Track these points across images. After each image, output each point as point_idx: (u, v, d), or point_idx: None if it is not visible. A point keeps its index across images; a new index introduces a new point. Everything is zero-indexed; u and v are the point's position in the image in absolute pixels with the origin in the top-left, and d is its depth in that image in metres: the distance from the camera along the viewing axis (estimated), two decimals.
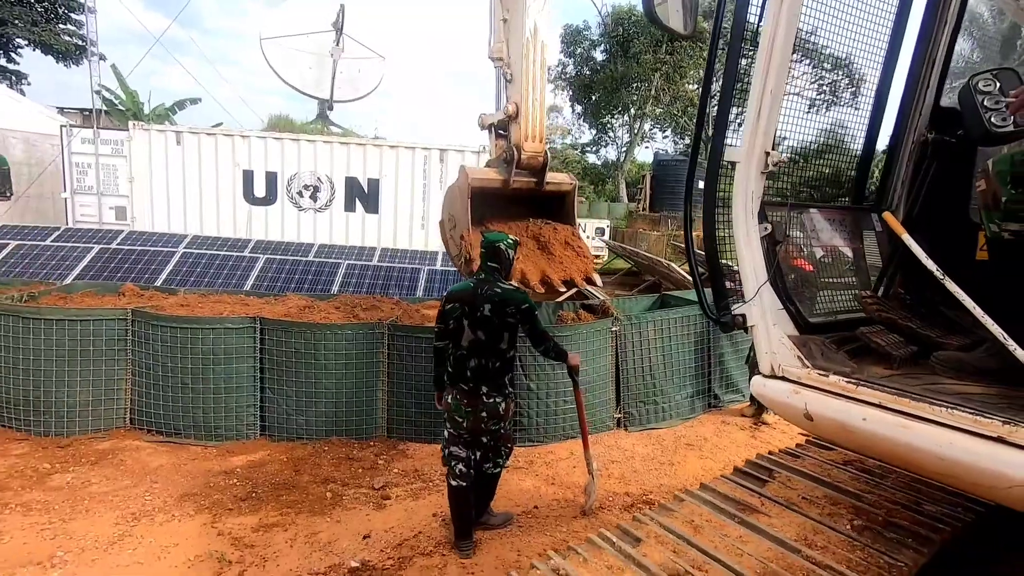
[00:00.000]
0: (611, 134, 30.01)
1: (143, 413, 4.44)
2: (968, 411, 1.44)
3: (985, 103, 1.87)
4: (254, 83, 79.65)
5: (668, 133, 29.72)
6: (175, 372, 4.36)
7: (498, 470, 3.29)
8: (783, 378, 1.83)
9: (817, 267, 2.07)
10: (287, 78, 11.93)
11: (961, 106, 1.94)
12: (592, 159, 31.50)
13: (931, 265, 1.80)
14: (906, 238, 1.94)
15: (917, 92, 2.07)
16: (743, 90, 1.83)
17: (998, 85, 1.87)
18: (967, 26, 2.20)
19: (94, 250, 7.11)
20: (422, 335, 4.51)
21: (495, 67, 4.37)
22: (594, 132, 30.03)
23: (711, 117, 1.91)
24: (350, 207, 10.79)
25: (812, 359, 1.84)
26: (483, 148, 10.28)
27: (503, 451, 3.26)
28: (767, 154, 1.80)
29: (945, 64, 2.08)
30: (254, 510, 3.58)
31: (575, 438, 4.68)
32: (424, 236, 10.97)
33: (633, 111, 26.63)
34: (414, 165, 10.71)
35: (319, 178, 10.61)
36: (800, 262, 2.02)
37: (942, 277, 1.77)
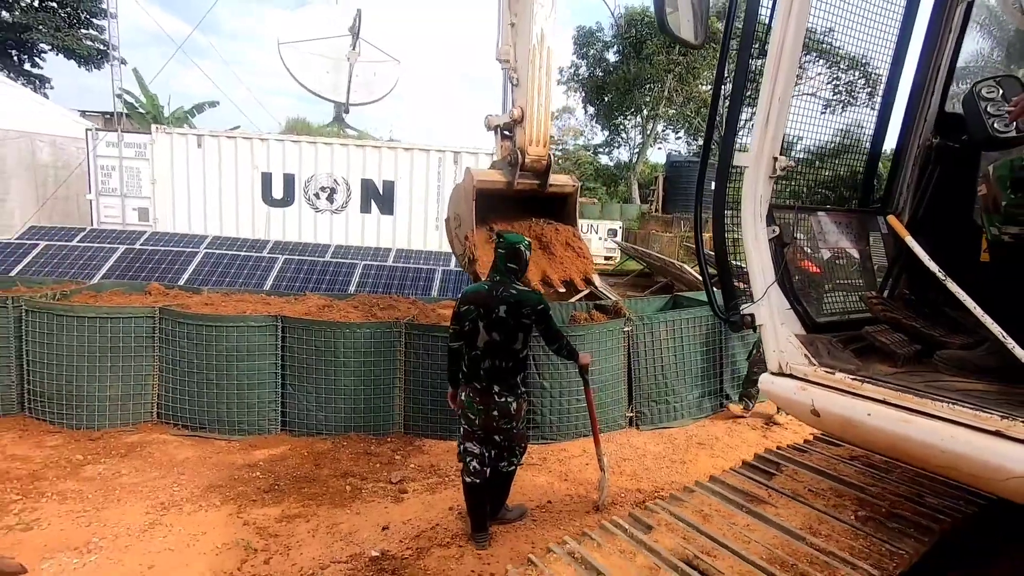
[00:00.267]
0: (624, 135, 29.96)
1: (169, 408, 4.60)
2: (969, 407, 1.50)
3: (988, 109, 1.94)
4: (268, 85, 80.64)
5: (681, 134, 29.62)
6: (200, 368, 4.51)
7: (512, 468, 3.34)
8: (791, 375, 1.90)
9: (823, 268, 2.13)
10: (305, 82, 12.16)
11: (965, 112, 2.01)
12: (604, 160, 31.46)
13: (933, 267, 1.87)
14: (910, 241, 2.00)
15: (922, 98, 2.13)
16: (752, 97, 1.91)
17: (1001, 92, 1.93)
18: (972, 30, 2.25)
19: (119, 250, 7.33)
20: (438, 334, 4.62)
21: (502, 68, 4.44)
22: (607, 133, 30.00)
23: (722, 122, 1.98)
24: (366, 209, 10.97)
25: (819, 357, 1.90)
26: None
27: (517, 450, 3.32)
28: (775, 159, 1.88)
29: (950, 71, 2.14)
30: (277, 502, 3.71)
31: (587, 436, 4.76)
32: (438, 237, 11.09)
33: (646, 112, 26.59)
34: (428, 167, 10.86)
35: (336, 180, 10.80)
36: (806, 263, 2.08)
37: (944, 278, 1.84)
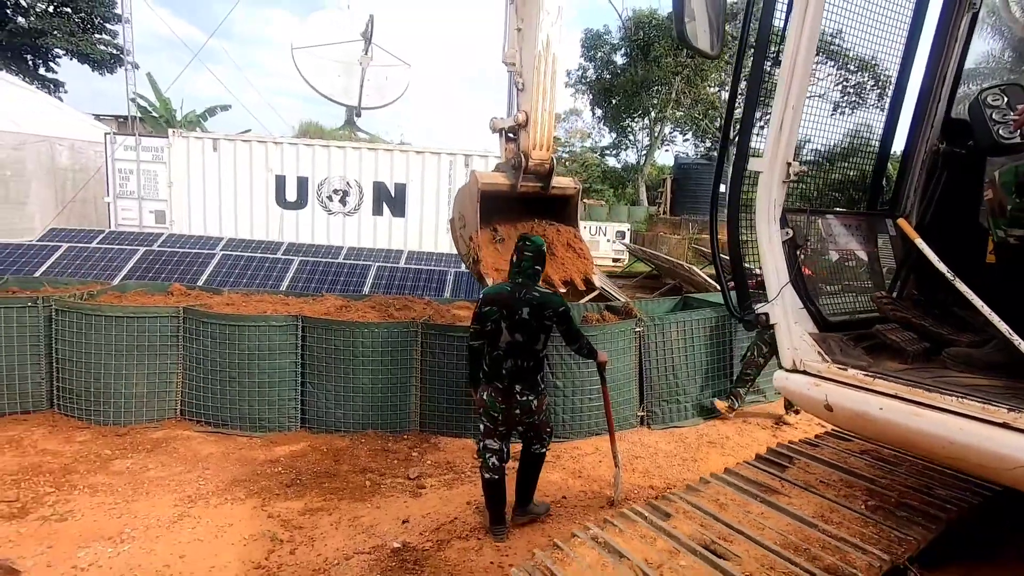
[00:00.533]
0: (631, 137, 30.03)
1: (193, 405, 4.72)
2: (977, 400, 1.58)
3: (993, 116, 2.02)
4: (276, 87, 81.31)
5: (688, 136, 29.68)
6: (222, 367, 4.63)
7: (543, 451, 3.41)
8: (804, 372, 1.98)
9: (833, 269, 2.21)
10: (317, 86, 12.34)
11: (971, 118, 2.09)
12: (612, 162, 31.54)
13: (943, 268, 1.94)
14: (919, 243, 2.08)
15: (929, 104, 2.21)
16: (766, 105, 2.00)
17: (1005, 99, 2.02)
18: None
19: (139, 252, 7.49)
20: (453, 334, 4.72)
21: (508, 71, 4.51)
22: (614, 135, 30.09)
23: (735, 128, 2.07)
24: (378, 211, 11.11)
25: (831, 354, 1.98)
26: None
27: (544, 435, 3.40)
28: (788, 165, 1.96)
29: (956, 78, 2.22)
30: (299, 496, 3.82)
31: (600, 434, 4.85)
32: (449, 239, 11.18)
33: (653, 114, 26.65)
34: (439, 170, 10.99)
35: (348, 183, 10.96)
36: (816, 263, 2.17)
37: (953, 279, 1.91)
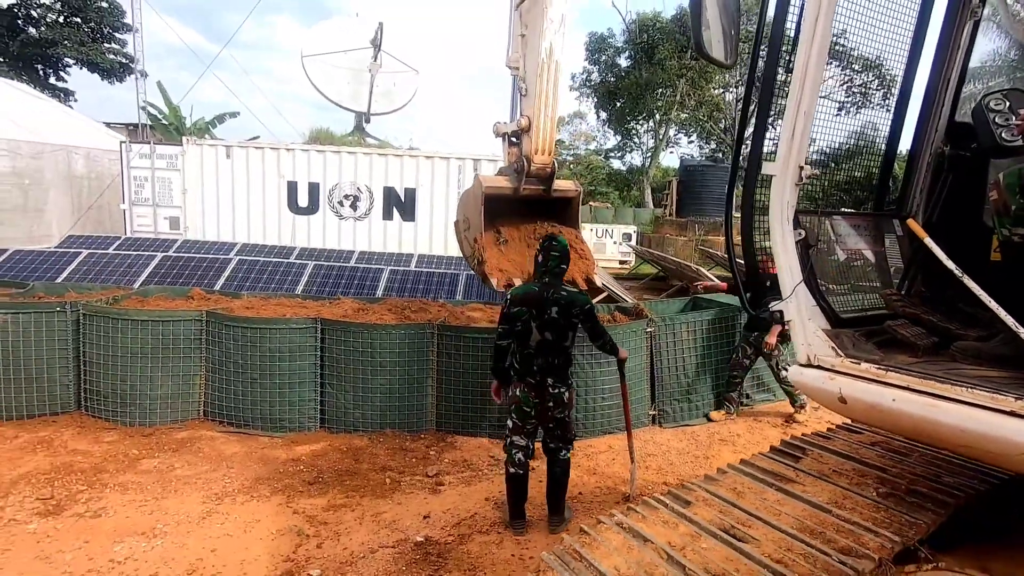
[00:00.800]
0: (636, 140, 30.16)
1: (215, 405, 4.85)
2: (986, 390, 1.66)
3: (996, 120, 2.11)
4: (283, 93, 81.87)
5: (693, 138, 29.77)
6: (244, 368, 4.75)
7: (568, 455, 3.48)
8: (819, 367, 2.07)
9: (843, 268, 2.30)
10: (327, 93, 12.53)
11: (974, 122, 2.18)
12: (617, 164, 31.67)
13: (951, 265, 2.03)
14: (928, 241, 2.17)
15: (933, 109, 2.30)
16: (778, 113, 2.09)
17: (1007, 104, 2.11)
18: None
19: (157, 258, 7.64)
20: (469, 335, 4.83)
21: (512, 75, 4.61)
22: (619, 138, 30.22)
23: (749, 134, 2.16)
24: (388, 215, 11.26)
25: (844, 349, 2.06)
26: None
27: (569, 436, 3.49)
28: (800, 168, 2.05)
29: (959, 83, 2.31)
30: (322, 493, 3.92)
31: (612, 433, 4.94)
32: None
33: (658, 116, 26.77)
34: (449, 174, 11.12)
35: (359, 188, 11.11)
36: (827, 262, 2.26)
37: (961, 275, 2.00)
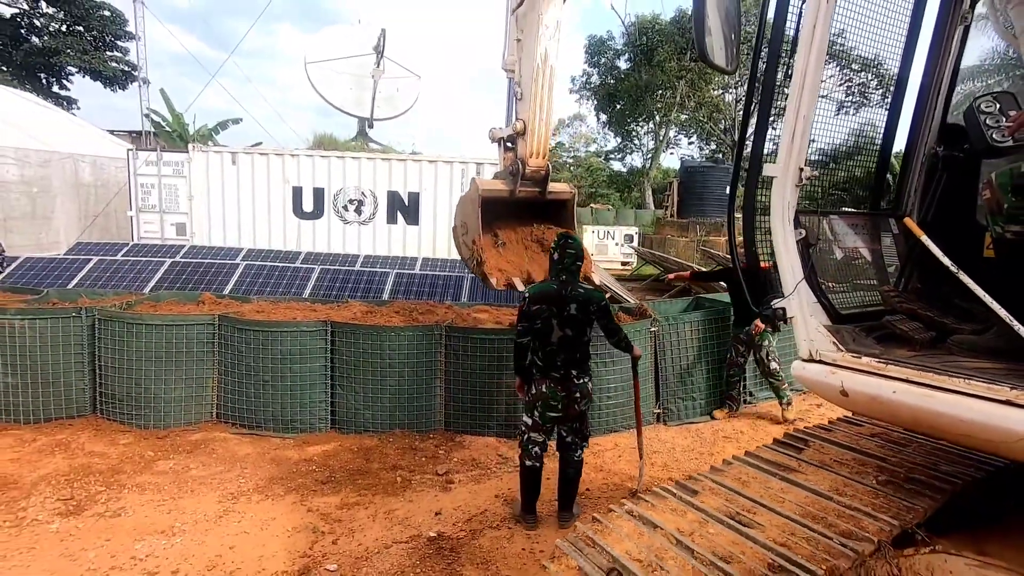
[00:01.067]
0: (636, 141, 30.27)
1: (228, 408, 4.93)
2: (982, 381, 1.74)
3: (987, 122, 2.20)
4: (285, 99, 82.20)
5: (693, 139, 29.89)
6: (256, 371, 4.84)
7: (581, 455, 3.55)
8: (820, 361, 2.15)
9: (842, 266, 2.39)
10: (330, 98, 12.66)
11: (966, 124, 2.27)
12: (617, 166, 31.78)
13: (947, 261, 2.11)
14: (925, 239, 2.25)
15: (926, 111, 2.39)
16: (778, 115, 2.18)
17: (998, 106, 2.20)
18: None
19: (166, 263, 7.75)
20: (476, 336, 4.92)
21: (507, 77, 4.72)
22: (619, 140, 30.33)
23: (750, 125, 2.25)
24: (392, 220, 11.37)
25: (845, 344, 2.15)
26: None
27: (585, 432, 3.55)
28: (800, 170, 2.14)
29: (950, 86, 2.40)
30: (335, 491, 4.01)
31: (618, 431, 5.02)
32: None
33: (658, 118, 26.88)
34: (452, 178, 11.23)
35: (363, 193, 11.22)
36: (826, 260, 2.34)
37: (957, 271, 2.08)
